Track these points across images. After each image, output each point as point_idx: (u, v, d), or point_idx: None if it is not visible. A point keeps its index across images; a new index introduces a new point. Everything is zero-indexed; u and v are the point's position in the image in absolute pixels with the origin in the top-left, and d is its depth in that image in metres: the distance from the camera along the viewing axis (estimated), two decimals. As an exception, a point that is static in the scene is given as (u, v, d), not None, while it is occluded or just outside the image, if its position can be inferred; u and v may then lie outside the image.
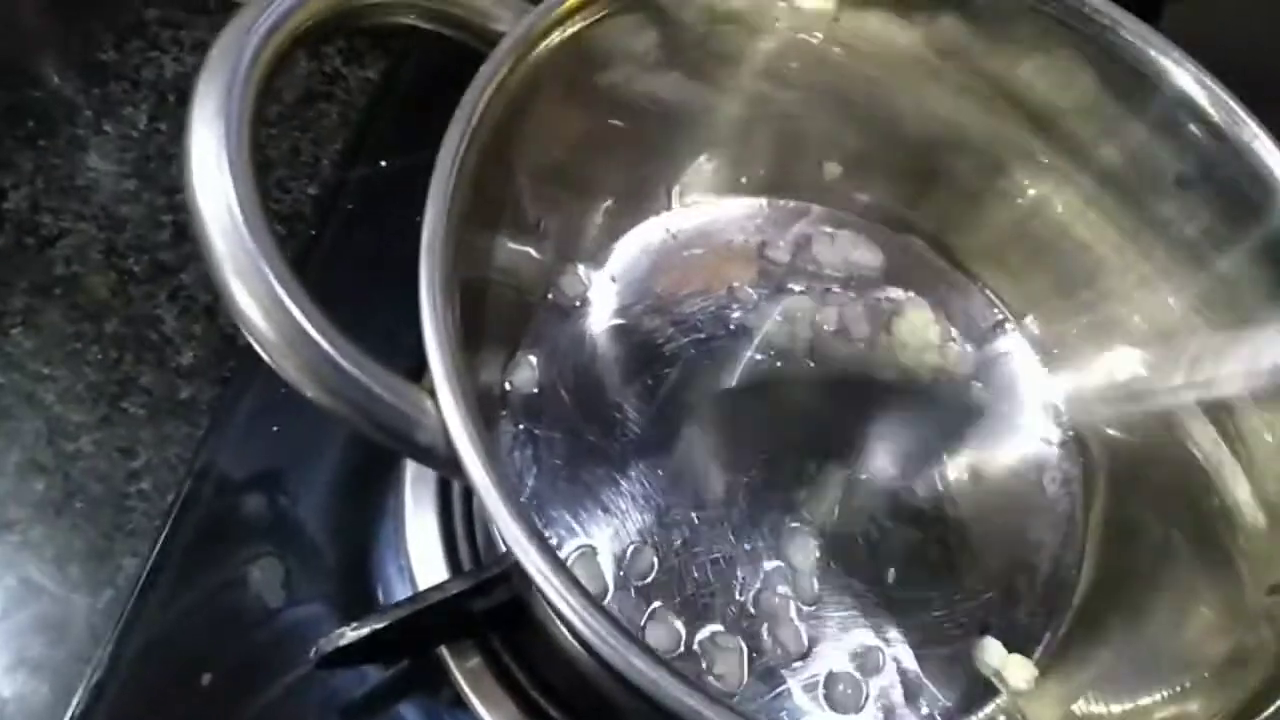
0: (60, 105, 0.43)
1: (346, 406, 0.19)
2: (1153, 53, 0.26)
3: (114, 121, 0.42)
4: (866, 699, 0.27)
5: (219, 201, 0.18)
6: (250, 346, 0.35)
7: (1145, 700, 0.25)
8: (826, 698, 0.27)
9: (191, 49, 0.45)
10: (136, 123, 0.43)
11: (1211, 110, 0.25)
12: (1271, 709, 0.20)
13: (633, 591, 0.28)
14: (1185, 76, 0.26)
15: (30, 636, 0.32)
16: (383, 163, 0.38)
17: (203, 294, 0.39)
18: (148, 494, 0.35)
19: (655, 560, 0.28)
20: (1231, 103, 0.25)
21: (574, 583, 0.17)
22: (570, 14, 0.23)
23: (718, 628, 0.28)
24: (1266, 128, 0.25)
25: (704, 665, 0.27)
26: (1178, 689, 0.25)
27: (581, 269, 0.31)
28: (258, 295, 0.18)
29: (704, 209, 0.33)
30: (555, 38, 0.23)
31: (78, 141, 0.42)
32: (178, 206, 0.41)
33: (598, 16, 0.24)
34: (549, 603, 0.18)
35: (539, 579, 0.17)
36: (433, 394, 0.19)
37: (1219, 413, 0.27)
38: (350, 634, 0.25)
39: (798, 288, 0.32)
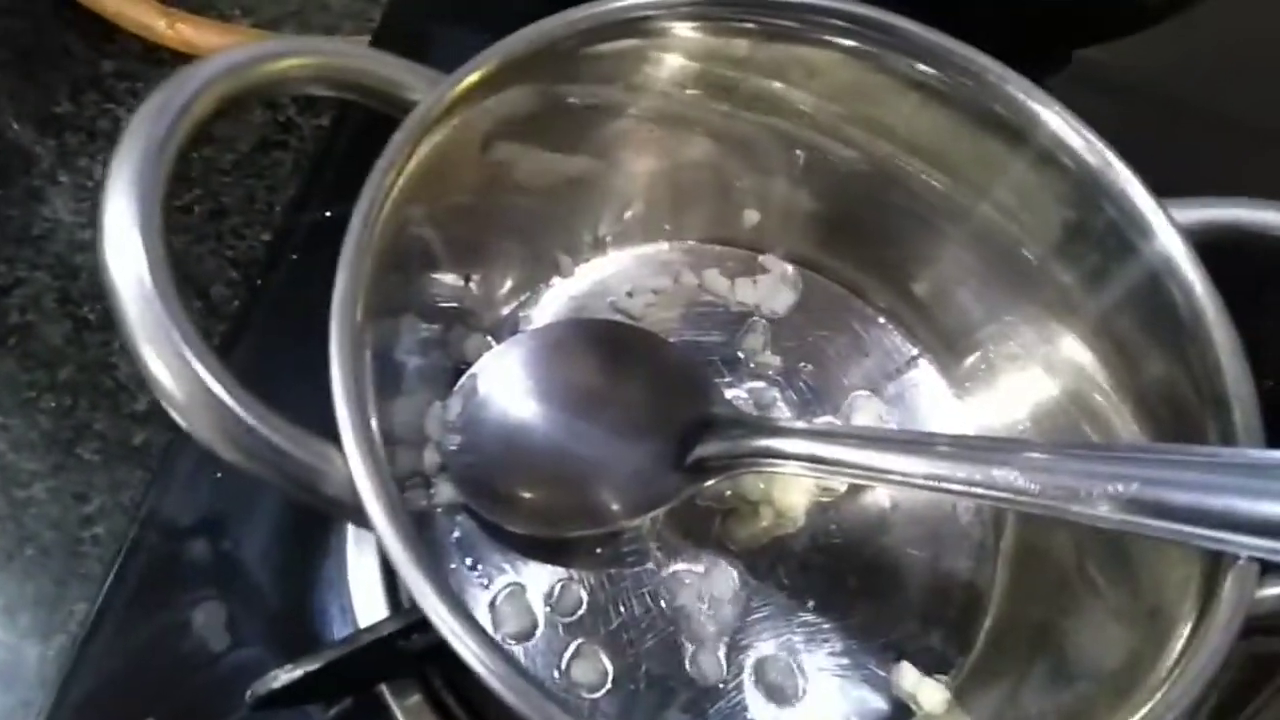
0: (17, 155, 0.44)
1: (256, 462, 0.20)
2: (1032, 104, 0.27)
3: (70, 172, 0.43)
4: (785, 726, 0.28)
5: (131, 271, 0.19)
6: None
7: (1050, 710, 0.27)
8: (746, 726, 0.28)
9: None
10: (92, 173, 0.44)
11: (1087, 156, 0.27)
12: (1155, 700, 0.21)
13: (560, 628, 0.29)
14: (1060, 124, 0.27)
15: (-22, 686, 0.32)
16: (328, 212, 0.39)
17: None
18: (101, 539, 0.35)
19: (583, 595, 0.29)
20: (1104, 148, 0.27)
21: (471, 627, 0.18)
22: (475, 87, 0.24)
23: (643, 662, 0.29)
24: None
25: (629, 698, 0.28)
26: (1077, 700, 0.26)
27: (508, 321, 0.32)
28: (169, 362, 0.19)
29: (621, 256, 0.34)
30: (463, 108, 0.25)
31: (34, 192, 0.43)
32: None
33: (500, 88, 0.25)
34: (461, 657, 0.19)
35: (439, 625, 0.18)
36: (341, 446, 0.20)
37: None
38: (284, 676, 0.25)
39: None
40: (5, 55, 0.47)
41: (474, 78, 0.24)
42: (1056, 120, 0.27)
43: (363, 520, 0.20)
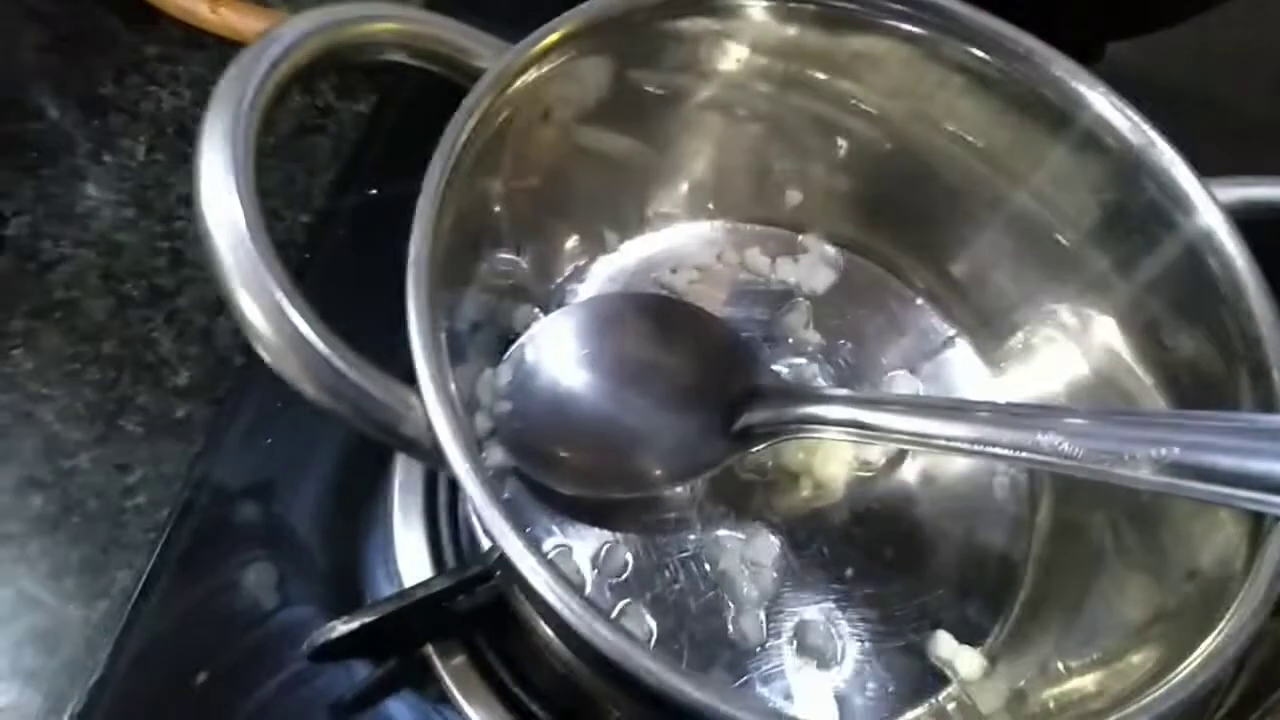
0: (60, 137, 0.44)
1: (340, 403, 0.20)
2: (1079, 85, 0.28)
3: (113, 152, 0.44)
4: (824, 689, 0.29)
5: (227, 220, 0.20)
6: (244, 367, 0.37)
7: (1082, 666, 0.27)
8: (785, 688, 0.29)
9: (189, 84, 0.47)
10: (135, 154, 0.44)
11: (1130, 136, 0.28)
12: (1194, 663, 0.22)
13: (607, 590, 0.29)
14: (1106, 104, 0.28)
15: (25, 647, 0.33)
16: (372, 191, 0.40)
17: (199, 317, 0.40)
18: (143, 509, 0.36)
19: (629, 558, 0.30)
20: (1148, 128, 0.27)
21: (550, 564, 0.19)
22: (544, 54, 0.25)
23: (686, 623, 0.29)
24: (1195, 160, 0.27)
25: (674, 656, 0.29)
26: (1112, 654, 0.26)
27: (556, 294, 0.33)
28: (262, 303, 0.20)
29: (667, 233, 0.35)
30: (531, 75, 0.25)
31: (78, 171, 0.43)
32: (174, 234, 0.42)
33: (568, 56, 0.26)
34: (528, 586, 0.20)
35: (518, 561, 0.19)
36: (419, 391, 0.21)
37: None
38: (341, 627, 0.26)
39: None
40: (49, 38, 0.47)
41: (542, 45, 0.25)
42: (1101, 101, 0.28)
43: (438, 461, 0.20)
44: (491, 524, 0.19)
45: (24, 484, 0.36)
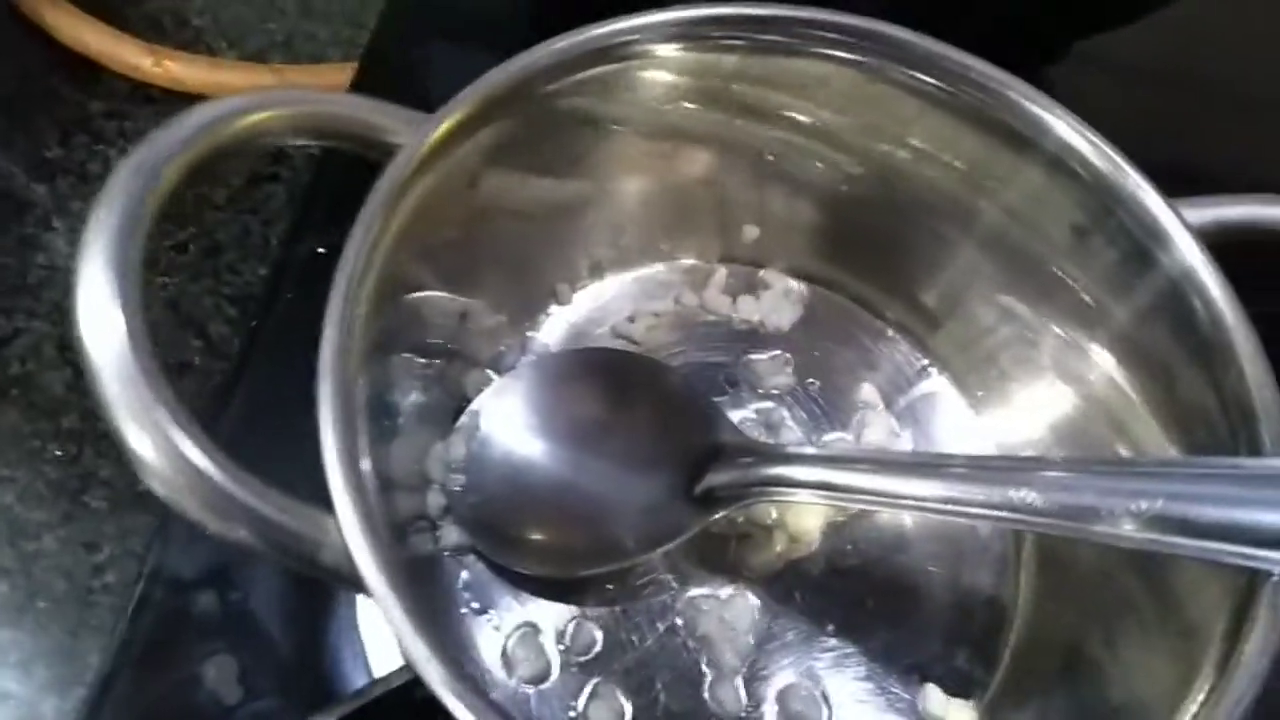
0: (9, 202, 0.43)
1: (249, 536, 0.19)
2: (1038, 110, 0.27)
3: (63, 216, 0.43)
4: (809, 756, 0.28)
5: (109, 348, 0.19)
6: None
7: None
8: (769, 760, 0.27)
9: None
10: (85, 217, 0.43)
11: (1095, 161, 0.26)
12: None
13: (575, 668, 0.28)
14: (1067, 129, 0.26)
15: (-1, 746, 0.32)
16: (320, 249, 0.39)
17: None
18: (112, 587, 0.35)
19: (598, 634, 0.29)
20: (1113, 153, 0.26)
21: (474, 696, 0.18)
22: (463, 122, 0.24)
23: (661, 698, 0.28)
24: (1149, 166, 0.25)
25: (650, 737, 0.28)
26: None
27: (508, 354, 0.32)
28: (153, 438, 0.19)
29: (620, 279, 0.33)
30: (451, 149, 0.24)
31: (27, 239, 0.42)
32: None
33: (488, 123, 0.25)
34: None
35: (441, 696, 0.18)
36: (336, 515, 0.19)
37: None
38: (304, 731, 0.25)
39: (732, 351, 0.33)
40: (-9, 102, 0.46)
41: (454, 120, 0.23)
42: (1063, 126, 0.26)
43: (363, 588, 0.19)
44: (419, 662, 0.18)
45: (-13, 572, 0.35)
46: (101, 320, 0.19)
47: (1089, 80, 0.36)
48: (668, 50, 0.27)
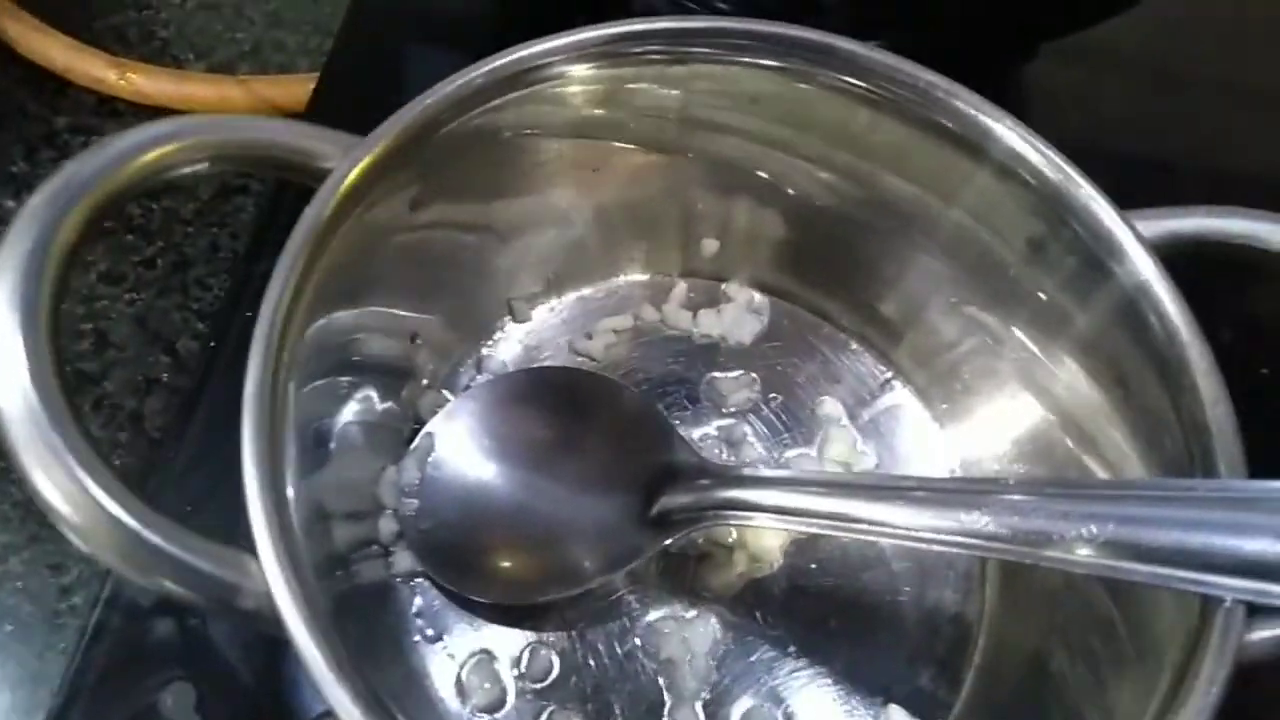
0: (-27, 221, 0.43)
1: (167, 582, 0.19)
2: (986, 120, 0.26)
3: (29, 234, 0.43)
4: (772, 784, 0.27)
5: (17, 392, 0.18)
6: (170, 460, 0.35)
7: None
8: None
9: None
10: (50, 234, 0.43)
11: (1046, 171, 0.25)
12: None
13: (530, 695, 0.28)
14: (1016, 138, 0.26)
15: (-37, 779, 0.32)
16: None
17: (128, 401, 0.39)
18: (78, 609, 0.35)
19: (554, 659, 0.28)
20: (1063, 163, 0.25)
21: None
22: (384, 161, 0.23)
23: (619, 724, 0.28)
24: (1100, 188, 0.25)
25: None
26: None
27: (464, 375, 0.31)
28: (60, 485, 0.18)
29: (577, 295, 0.33)
30: (387, 172, 0.23)
31: (-8, 258, 0.42)
32: (97, 314, 0.41)
33: (415, 156, 0.24)
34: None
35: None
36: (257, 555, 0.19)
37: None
38: (246, 768, 0.25)
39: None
40: (-48, 121, 0.46)
41: (381, 147, 0.23)
42: (1011, 135, 0.26)
43: (283, 632, 0.19)
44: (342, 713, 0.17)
45: (-48, 597, 0.35)
46: (4, 364, 0.19)
47: (1067, 76, 0.35)
48: (584, 70, 0.26)
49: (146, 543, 0.18)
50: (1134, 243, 0.24)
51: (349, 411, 0.28)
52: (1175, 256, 0.24)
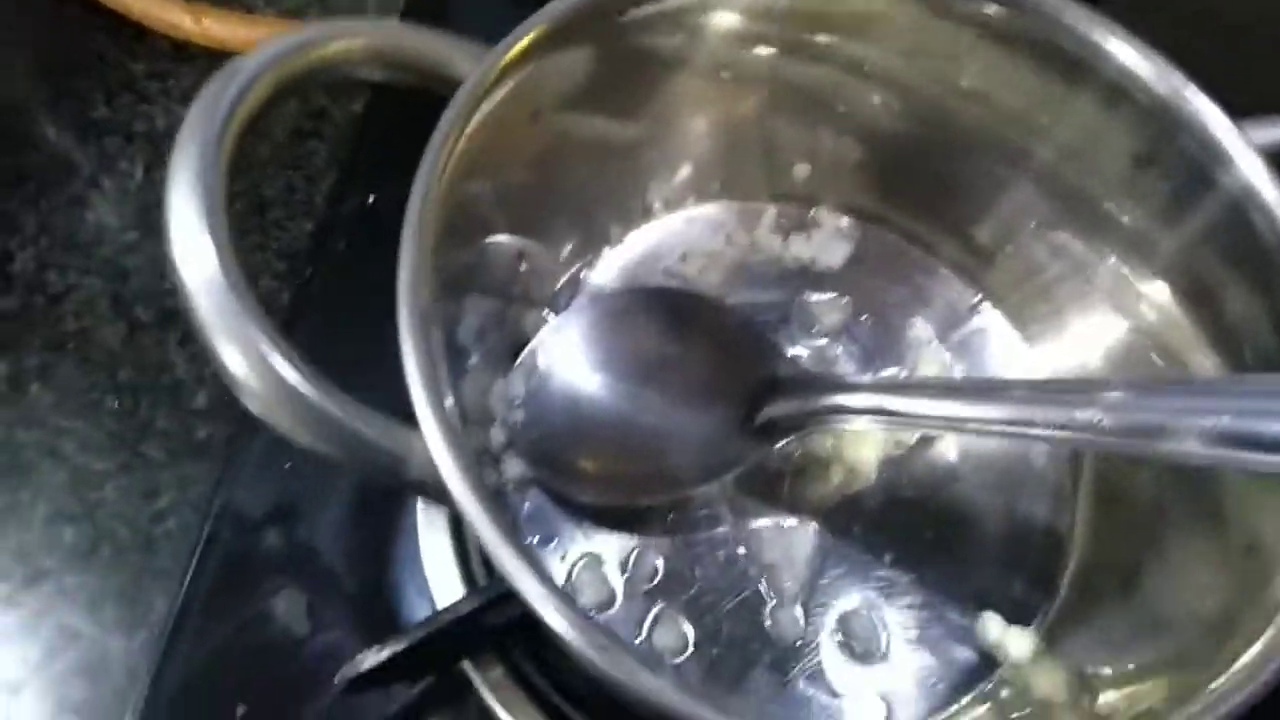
0: (58, 165, 0.44)
1: (339, 450, 0.20)
2: (1097, 36, 0.26)
3: (111, 176, 0.44)
4: (871, 682, 0.28)
5: (200, 269, 0.19)
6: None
7: (1144, 660, 0.26)
8: (829, 684, 0.28)
9: (180, 99, 0.46)
10: (133, 175, 0.44)
11: (1156, 85, 0.26)
12: (1249, 655, 0.21)
13: (639, 596, 0.29)
14: (1129, 53, 0.26)
15: (71, 680, 0.33)
16: (371, 198, 0.39)
17: (211, 336, 0.40)
18: (173, 534, 0.36)
19: (659, 563, 0.29)
20: (1174, 76, 0.26)
21: (567, 605, 0.18)
22: (523, 55, 0.24)
23: (723, 624, 0.29)
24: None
25: (712, 662, 0.28)
26: (1175, 648, 0.25)
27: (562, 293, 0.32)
28: (245, 353, 0.19)
29: (671, 220, 0.34)
30: (513, 78, 0.24)
31: (78, 198, 0.43)
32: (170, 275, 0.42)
33: (548, 54, 0.25)
34: (555, 634, 0.19)
35: (534, 604, 0.18)
36: (420, 431, 0.20)
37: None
38: (371, 658, 0.26)
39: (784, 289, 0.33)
40: (38, 64, 0.47)
41: (520, 47, 0.24)
42: (1124, 50, 0.26)
43: (446, 500, 0.20)
44: (511, 572, 0.18)
45: (54, 518, 0.36)
46: (191, 244, 0.20)
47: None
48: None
49: (324, 413, 0.19)
50: (1245, 150, 0.25)
51: (463, 325, 0.29)
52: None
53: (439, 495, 0.20)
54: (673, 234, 0.34)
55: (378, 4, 0.49)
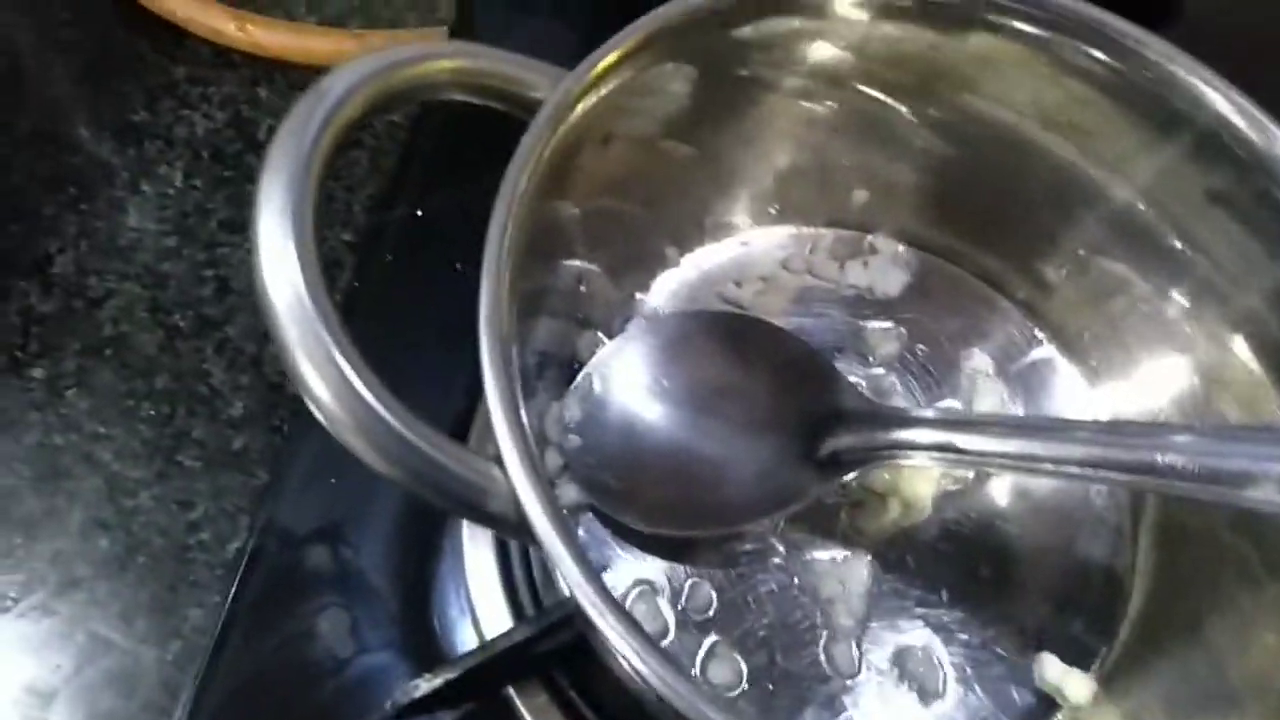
0: (98, 168, 0.44)
1: (419, 481, 0.19)
2: (1197, 82, 0.26)
3: (151, 181, 0.43)
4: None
5: (288, 290, 0.19)
6: (298, 396, 0.36)
7: (1209, 708, 0.26)
8: (888, 724, 0.27)
9: (220, 105, 0.46)
10: (173, 181, 0.44)
11: (1246, 129, 0.26)
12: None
13: (692, 628, 0.28)
14: (1225, 103, 0.26)
15: (102, 690, 0.33)
16: (418, 211, 0.39)
17: (249, 345, 0.40)
18: (208, 544, 0.36)
19: (713, 594, 0.29)
20: (1268, 122, 0.25)
21: (652, 648, 0.18)
22: (603, 76, 0.24)
23: (777, 658, 0.28)
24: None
25: (766, 697, 0.28)
26: (1244, 714, 0.25)
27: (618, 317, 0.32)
28: (328, 378, 0.19)
29: (728, 244, 0.33)
30: (590, 99, 0.24)
31: (117, 203, 0.43)
32: (218, 261, 0.42)
33: (629, 75, 0.25)
34: (623, 660, 0.18)
35: (615, 642, 0.18)
36: (499, 462, 0.19)
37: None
38: (425, 685, 0.25)
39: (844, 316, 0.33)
40: (79, 67, 0.47)
41: (601, 67, 0.23)
42: (1220, 100, 0.25)
43: (526, 535, 0.19)
44: (590, 607, 0.18)
45: (89, 526, 0.36)
46: (278, 263, 0.19)
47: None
48: (851, 11, 0.26)
49: (407, 442, 0.19)
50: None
51: (529, 349, 0.28)
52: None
53: (518, 530, 0.19)
54: (729, 258, 0.33)
55: (416, 15, 0.49)
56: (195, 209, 0.43)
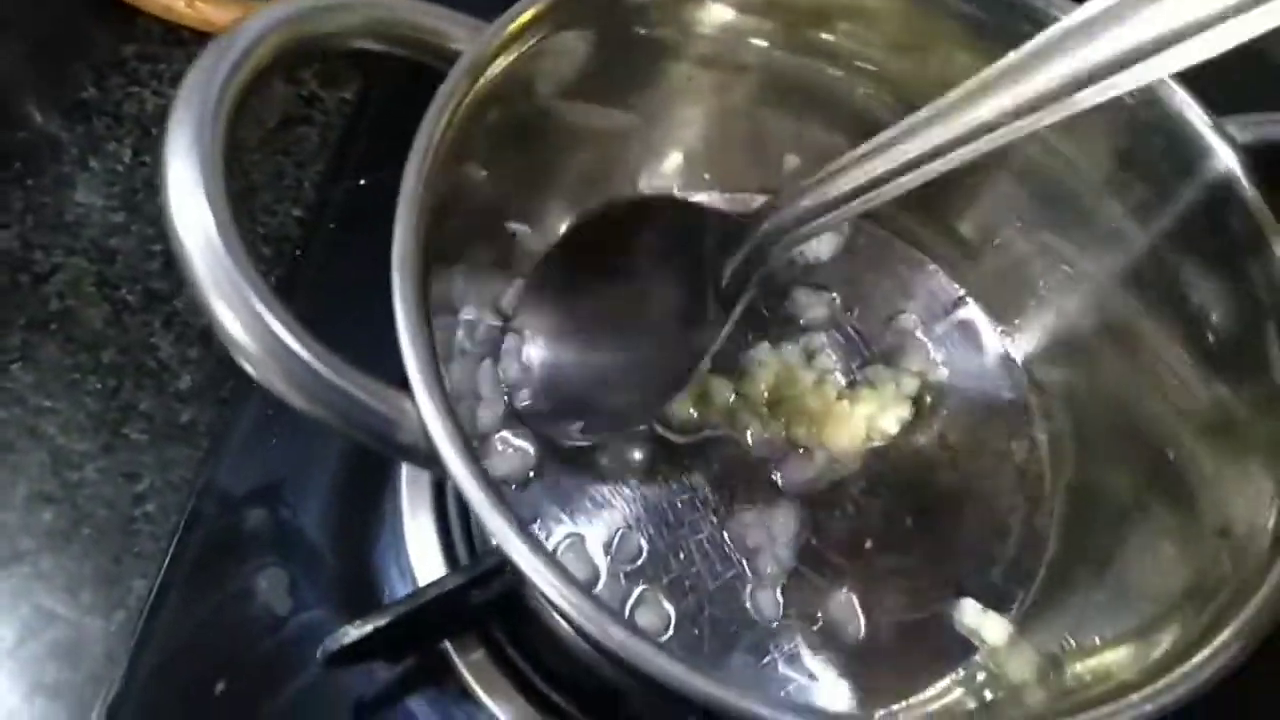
0: (46, 144, 0.44)
1: (331, 413, 0.20)
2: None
3: (99, 157, 0.43)
4: (848, 664, 0.28)
5: (198, 230, 0.19)
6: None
7: (1115, 636, 0.26)
8: (806, 666, 0.28)
9: (170, 81, 0.46)
10: (121, 157, 0.44)
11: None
12: (1227, 632, 0.21)
13: (622, 577, 0.29)
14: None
15: (46, 662, 0.33)
16: (361, 181, 0.39)
17: (196, 319, 0.40)
18: (153, 516, 0.36)
19: (643, 544, 0.29)
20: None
21: (556, 566, 0.18)
22: (520, 32, 0.24)
23: (704, 606, 0.29)
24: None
25: (693, 641, 0.28)
26: (1145, 623, 0.26)
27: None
28: (241, 315, 0.19)
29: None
30: (509, 55, 0.24)
31: (65, 179, 0.43)
32: (167, 235, 0.42)
33: (545, 33, 0.25)
34: (537, 589, 0.19)
35: (524, 566, 0.18)
36: (413, 396, 0.20)
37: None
38: (354, 631, 0.26)
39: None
40: (28, 45, 0.47)
41: (517, 24, 0.24)
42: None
43: (436, 466, 0.20)
44: (496, 531, 0.18)
45: (33, 499, 0.36)
46: (188, 206, 0.20)
47: None
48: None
49: (317, 374, 0.19)
50: (1224, 146, 0.25)
51: (451, 302, 0.29)
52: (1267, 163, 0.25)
53: (428, 460, 0.20)
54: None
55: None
56: (144, 185, 0.43)
